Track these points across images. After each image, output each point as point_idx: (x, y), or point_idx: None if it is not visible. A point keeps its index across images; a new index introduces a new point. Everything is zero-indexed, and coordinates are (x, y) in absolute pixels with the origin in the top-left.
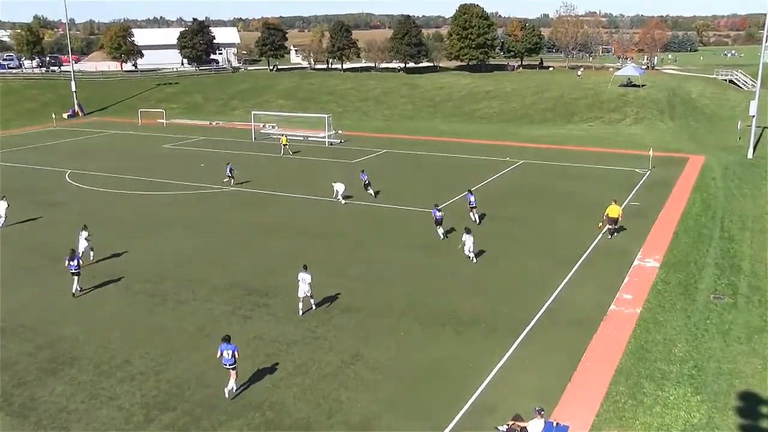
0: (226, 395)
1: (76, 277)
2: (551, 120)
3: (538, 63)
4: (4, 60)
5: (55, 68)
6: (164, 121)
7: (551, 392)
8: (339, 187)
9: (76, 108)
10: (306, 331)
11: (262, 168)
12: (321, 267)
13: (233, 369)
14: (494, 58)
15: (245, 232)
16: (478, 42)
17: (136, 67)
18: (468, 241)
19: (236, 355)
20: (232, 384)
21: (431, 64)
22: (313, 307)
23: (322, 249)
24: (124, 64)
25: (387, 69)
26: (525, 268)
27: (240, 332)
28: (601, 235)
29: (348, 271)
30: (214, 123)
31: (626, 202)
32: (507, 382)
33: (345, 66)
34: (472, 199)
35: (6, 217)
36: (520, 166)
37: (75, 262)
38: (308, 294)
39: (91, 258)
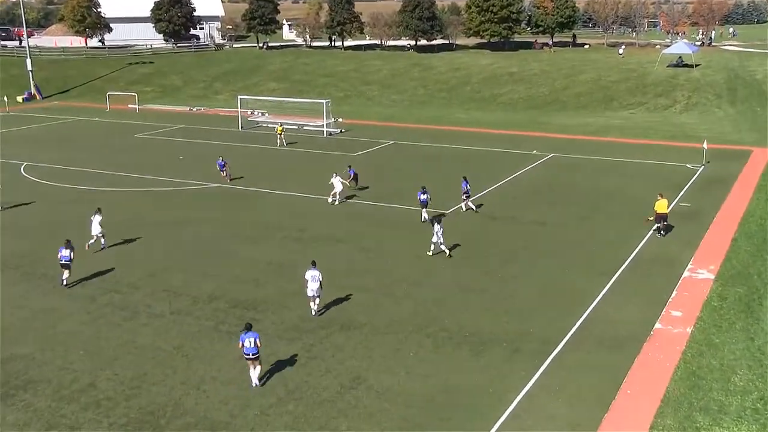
0: (258, 384)
1: (66, 270)
2: (586, 107)
3: (570, 40)
4: None
5: (7, 43)
6: (136, 106)
7: (585, 424)
8: (338, 186)
9: (33, 90)
10: (300, 350)
11: (250, 161)
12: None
13: (256, 359)
14: (519, 34)
15: (230, 235)
16: (501, 15)
17: (103, 43)
18: (438, 231)
19: (258, 344)
20: (256, 376)
21: (446, 42)
22: (313, 310)
23: (319, 256)
24: (89, 39)
25: (395, 47)
26: (554, 279)
27: (223, 351)
28: (647, 237)
29: (349, 281)
30: (194, 109)
31: (674, 202)
32: (532, 412)
33: (346, 43)
34: (467, 187)
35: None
36: (549, 160)
37: (67, 253)
38: (317, 294)
39: (103, 245)
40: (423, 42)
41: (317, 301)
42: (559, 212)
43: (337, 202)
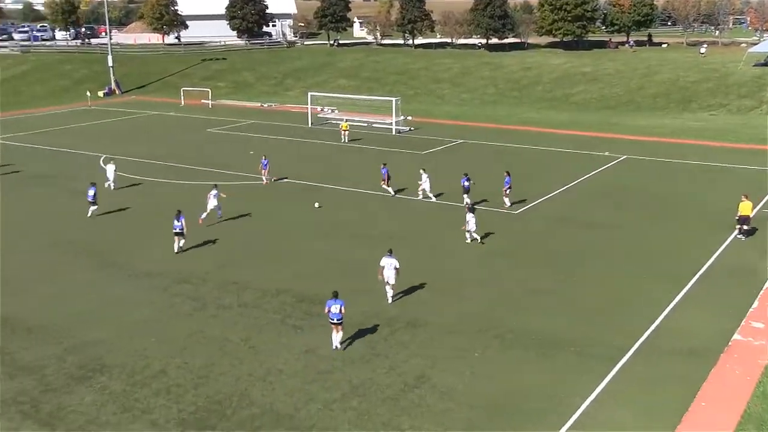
0: (339, 347)
1: (177, 237)
2: (663, 108)
3: (646, 39)
4: (38, 31)
5: (91, 40)
6: (210, 101)
7: None
8: (426, 184)
9: (113, 85)
10: (365, 346)
11: (317, 158)
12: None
13: (340, 324)
14: (594, 33)
15: (297, 230)
16: (574, 14)
17: (179, 40)
18: (471, 221)
19: (343, 311)
20: (338, 340)
21: (518, 41)
22: (389, 296)
23: (384, 252)
24: (166, 36)
25: (465, 45)
26: (625, 283)
27: (289, 345)
28: (726, 243)
29: (415, 280)
30: (265, 105)
31: (757, 208)
32: (599, 420)
33: (416, 41)
34: (467, 184)
35: (115, 182)
36: (623, 162)
37: (179, 223)
38: (393, 281)
39: (219, 216)
40: (494, 40)
41: (392, 289)
42: (632, 216)
43: (424, 197)
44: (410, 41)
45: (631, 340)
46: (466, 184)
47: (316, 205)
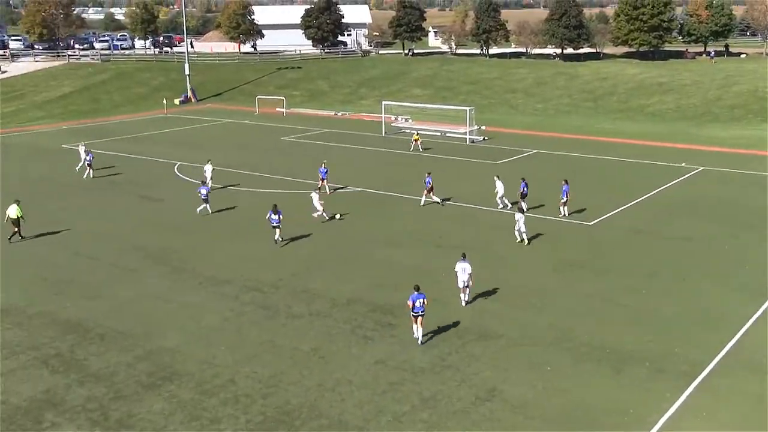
0: (420, 342)
1: (277, 230)
2: (741, 119)
3: (723, 49)
4: (118, 40)
5: (168, 49)
6: (284, 110)
7: None
8: (500, 188)
9: (189, 93)
10: (435, 358)
11: (390, 167)
12: (453, 285)
13: (422, 316)
14: (671, 43)
15: (370, 239)
16: (651, 24)
17: (255, 48)
18: (520, 220)
19: (426, 302)
20: (420, 330)
21: (593, 50)
22: (464, 300)
23: (453, 263)
24: (242, 45)
25: (540, 55)
26: (702, 297)
27: (359, 355)
28: None
29: (486, 290)
30: (339, 114)
31: None
32: None
33: (491, 51)
34: (526, 190)
35: (211, 180)
36: (700, 173)
37: (276, 216)
38: (468, 285)
39: (326, 217)
40: (569, 50)
41: (468, 291)
42: (709, 228)
43: (502, 206)
44: (485, 51)
45: (710, 356)
46: (525, 190)
47: (338, 216)
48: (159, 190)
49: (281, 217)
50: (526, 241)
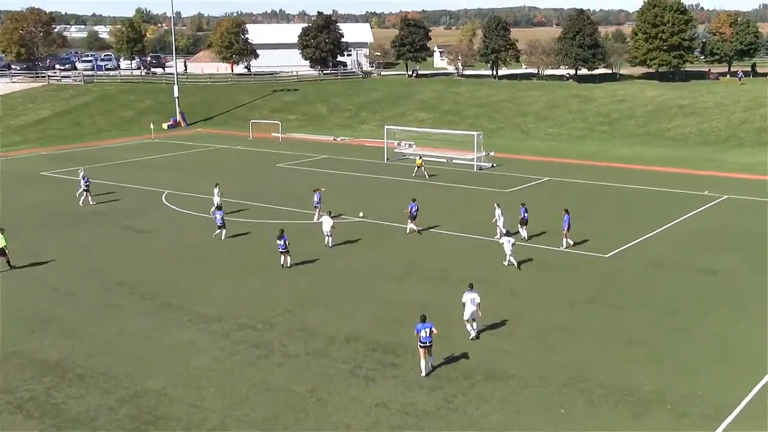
0: (423, 373)
1: (283, 255)
2: None
3: (750, 69)
4: (102, 60)
5: (157, 70)
6: (279, 135)
7: None
8: (500, 220)
9: (178, 117)
10: (441, 400)
11: (393, 195)
12: (461, 320)
13: (431, 346)
14: (692, 63)
15: (371, 273)
16: (671, 43)
17: (249, 69)
18: (507, 245)
19: (434, 331)
20: (430, 362)
21: (609, 71)
22: (472, 332)
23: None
24: (235, 65)
25: (553, 76)
26: (727, 335)
27: (359, 397)
28: None
29: (495, 328)
30: (338, 139)
31: None
32: None
33: (500, 72)
34: (526, 215)
35: (221, 207)
36: (724, 202)
37: (282, 242)
38: (474, 317)
39: (331, 244)
40: (583, 71)
41: (476, 324)
42: (733, 260)
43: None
44: (493, 72)
45: (736, 399)
46: (526, 215)
47: (360, 214)
48: (145, 220)
49: (287, 242)
50: (516, 265)
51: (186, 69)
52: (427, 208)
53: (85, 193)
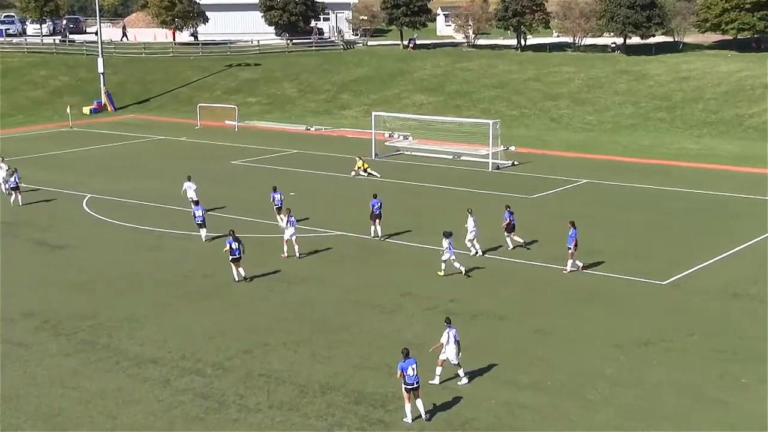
0: (409, 420)
1: (234, 264)
2: None
3: None
4: (1, 23)
5: (75, 37)
6: (236, 123)
7: None
8: (471, 226)
9: (104, 99)
10: None
11: (384, 203)
12: (475, 368)
13: (418, 388)
14: None
15: (354, 302)
16: (754, 1)
17: (195, 38)
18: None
19: (417, 370)
20: (422, 406)
21: (670, 40)
22: (462, 378)
23: (474, 337)
24: (177, 32)
25: (594, 47)
26: None
27: None
28: None
29: (516, 375)
30: (312, 128)
31: None
32: None
33: (524, 42)
34: (511, 218)
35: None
36: None
37: (236, 246)
38: (456, 361)
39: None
40: (635, 40)
41: (461, 370)
42: None
43: (475, 252)
44: (518, 42)
45: None
46: (510, 218)
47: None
48: (60, 232)
49: (243, 246)
50: (463, 271)
51: (125, 36)
52: (426, 218)
53: (13, 192)
